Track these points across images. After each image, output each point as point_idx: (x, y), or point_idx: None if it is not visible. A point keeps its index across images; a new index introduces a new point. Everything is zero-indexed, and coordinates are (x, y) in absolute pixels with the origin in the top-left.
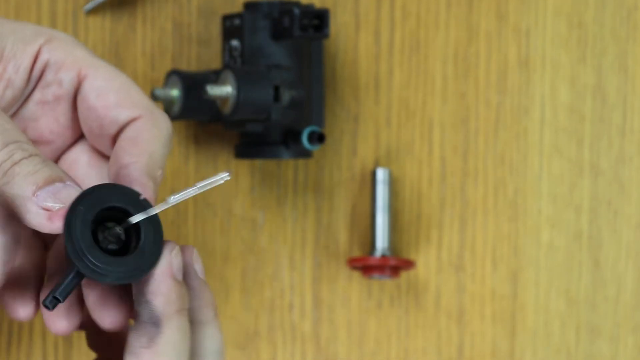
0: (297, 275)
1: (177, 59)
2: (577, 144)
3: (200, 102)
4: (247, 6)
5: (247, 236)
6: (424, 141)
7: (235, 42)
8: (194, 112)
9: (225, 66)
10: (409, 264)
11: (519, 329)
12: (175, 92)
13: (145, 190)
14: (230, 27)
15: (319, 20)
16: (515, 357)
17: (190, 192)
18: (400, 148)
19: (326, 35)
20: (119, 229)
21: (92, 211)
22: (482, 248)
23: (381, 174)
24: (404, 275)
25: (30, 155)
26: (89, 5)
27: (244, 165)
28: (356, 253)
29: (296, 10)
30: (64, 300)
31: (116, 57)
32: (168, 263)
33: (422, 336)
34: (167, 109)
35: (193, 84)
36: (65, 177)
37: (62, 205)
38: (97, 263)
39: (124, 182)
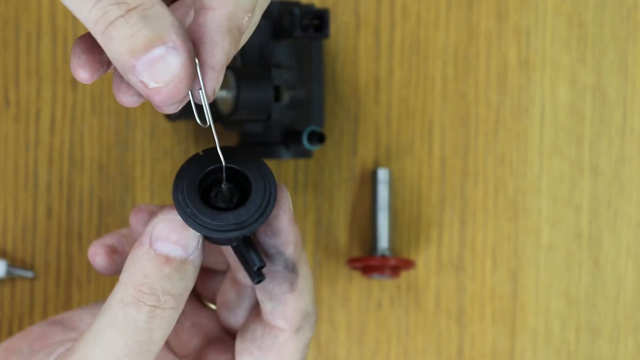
0: None
1: None
2: (577, 144)
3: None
4: None
5: None
6: (424, 141)
7: None
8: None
9: None
10: (409, 264)
11: (519, 329)
12: None
13: (215, 50)
14: None
15: (319, 20)
16: (515, 357)
17: None
18: (400, 148)
19: (326, 35)
20: (224, 186)
21: (196, 176)
22: (482, 248)
23: (381, 174)
24: (404, 275)
25: (128, 11)
26: None
27: None
28: (356, 253)
29: (296, 10)
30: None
31: None
32: (289, 211)
33: (422, 336)
34: None
35: None
36: (166, 35)
37: (156, 85)
38: (209, 221)
39: (198, 34)
